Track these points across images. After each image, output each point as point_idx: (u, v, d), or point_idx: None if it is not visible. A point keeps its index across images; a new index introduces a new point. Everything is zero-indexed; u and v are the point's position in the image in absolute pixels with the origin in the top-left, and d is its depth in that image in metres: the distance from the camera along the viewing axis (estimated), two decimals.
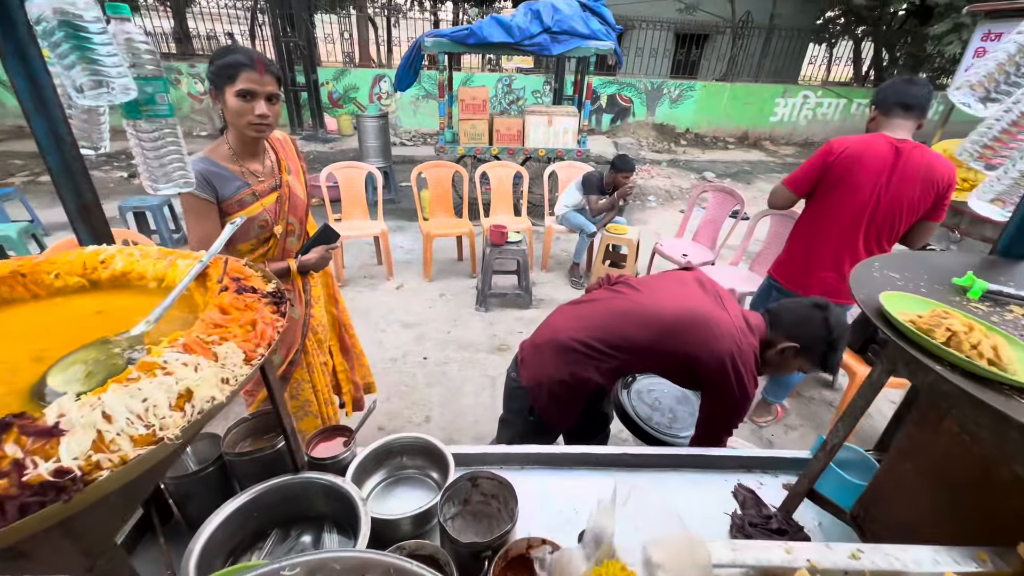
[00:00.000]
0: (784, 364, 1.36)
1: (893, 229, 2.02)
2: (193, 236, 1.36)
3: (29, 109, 0.76)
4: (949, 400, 0.70)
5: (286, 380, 1.66)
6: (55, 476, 0.38)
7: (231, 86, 1.27)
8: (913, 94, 1.92)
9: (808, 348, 1.30)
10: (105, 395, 0.42)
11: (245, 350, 0.53)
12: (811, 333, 1.30)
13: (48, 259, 0.68)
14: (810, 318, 1.31)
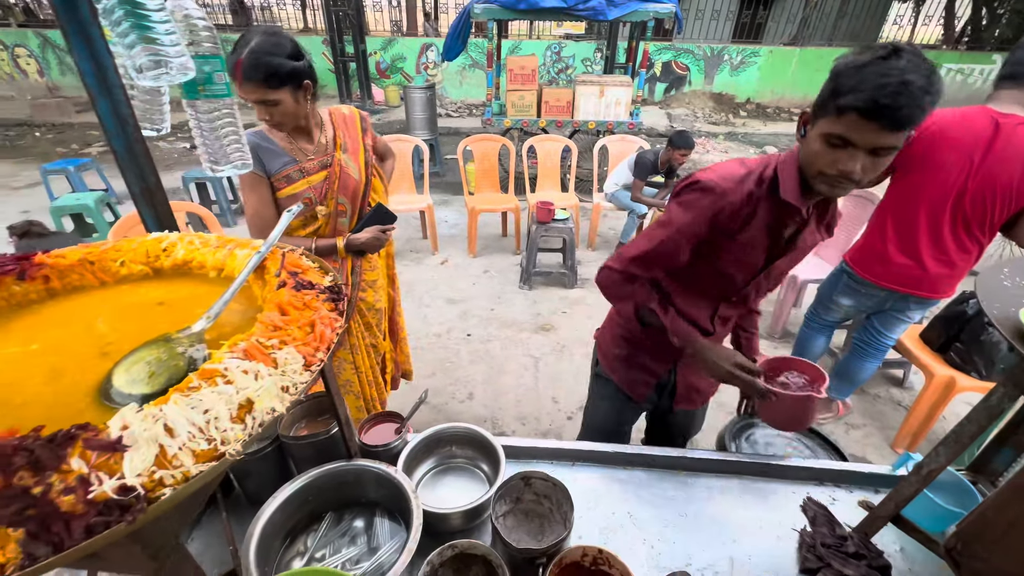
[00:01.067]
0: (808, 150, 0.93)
1: (987, 217, 1.78)
2: (248, 207, 1.38)
3: (94, 91, 0.76)
4: None
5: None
6: (119, 493, 0.36)
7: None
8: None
9: (818, 102, 0.89)
10: (167, 407, 0.40)
11: (304, 355, 0.50)
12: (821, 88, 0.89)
13: (114, 246, 0.68)
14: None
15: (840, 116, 0.84)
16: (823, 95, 0.88)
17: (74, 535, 0.34)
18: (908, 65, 0.78)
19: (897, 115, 0.78)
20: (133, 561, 0.45)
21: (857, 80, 0.81)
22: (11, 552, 0.33)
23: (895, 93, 0.77)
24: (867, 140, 0.82)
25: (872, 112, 0.79)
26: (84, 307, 0.63)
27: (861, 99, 0.80)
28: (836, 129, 0.85)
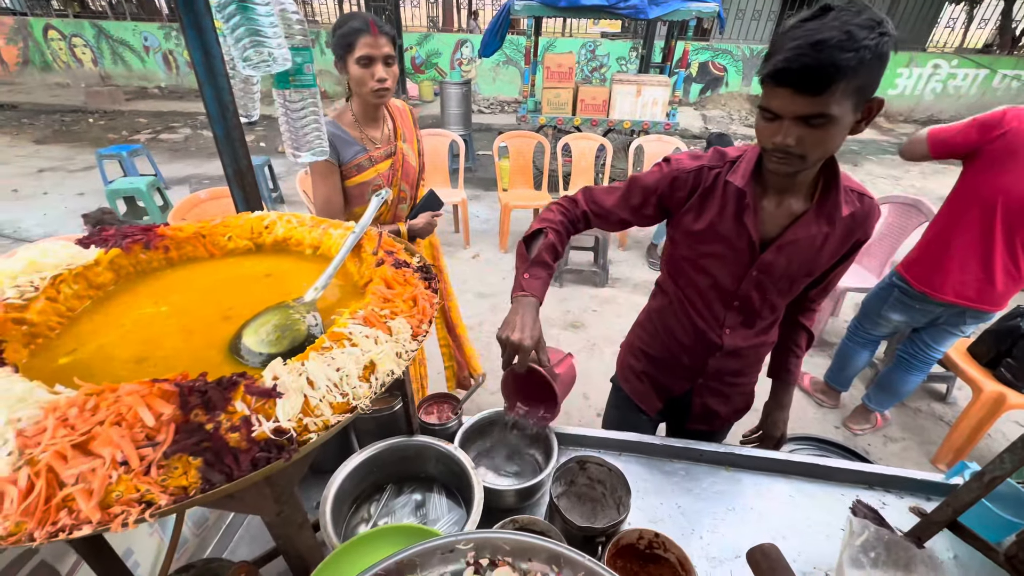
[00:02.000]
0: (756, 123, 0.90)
1: None
2: (317, 195, 1.44)
3: (202, 78, 0.82)
4: None
5: None
6: (275, 434, 0.41)
7: (351, 54, 1.32)
8: None
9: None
10: (308, 363, 0.45)
11: (412, 325, 0.54)
12: None
13: (223, 222, 0.74)
14: None
15: (764, 86, 0.82)
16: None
17: (242, 467, 0.39)
18: (829, 22, 0.72)
19: (805, 77, 0.73)
20: (262, 502, 0.50)
21: (774, 48, 0.78)
22: (192, 477, 0.38)
23: (800, 55, 0.72)
24: (787, 108, 0.78)
25: (780, 77, 0.76)
26: (199, 276, 0.69)
27: (769, 66, 0.77)
28: (763, 101, 0.83)
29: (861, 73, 0.73)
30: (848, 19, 0.72)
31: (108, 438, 0.37)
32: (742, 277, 1.05)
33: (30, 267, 0.56)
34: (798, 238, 0.99)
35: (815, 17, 0.74)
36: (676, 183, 1.04)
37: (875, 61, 0.73)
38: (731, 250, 1.03)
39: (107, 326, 0.57)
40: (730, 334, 1.15)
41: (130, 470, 0.36)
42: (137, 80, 10.67)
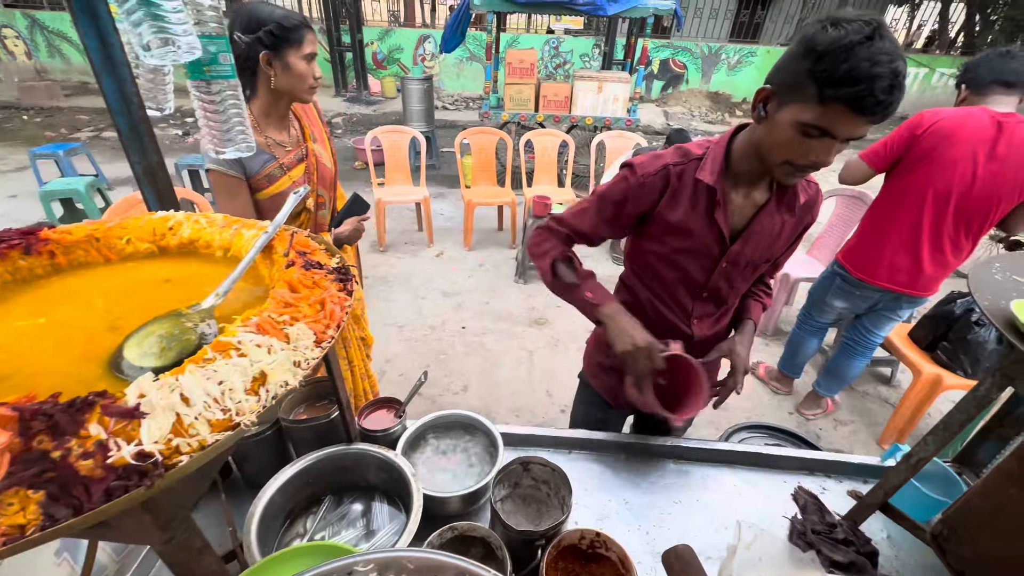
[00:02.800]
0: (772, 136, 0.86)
1: (988, 213, 1.82)
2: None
3: (99, 68, 0.75)
4: None
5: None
6: (137, 459, 0.37)
7: (298, 49, 1.24)
8: (1013, 69, 1.70)
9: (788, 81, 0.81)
10: (183, 377, 0.41)
11: (315, 331, 0.51)
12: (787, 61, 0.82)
13: (120, 224, 0.68)
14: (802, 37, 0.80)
15: (825, 106, 0.76)
16: (795, 74, 0.79)
17: (93, 498, 0.35)
18: (893, 48, 0.72)
19: (890, 109, 0.74)
20: (144, 530, 0.46)
21: (847, 67, 0.72)
22: (32, 513, 0.33)
23: (892, 87, 0.71)
24: (851, 132, 0.78)
25: (867, 107, 0.73)
26: (90, 283, 0.63)
27: (856, 92, 0.72)
28: (819, 120, 0.77)
29: None
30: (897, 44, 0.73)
31: None
32: (712, 269, 1.08)
33: None
34: (763, 227, 1.03)
35: (876, 38, 0.72)
36: (644, 188, 1.02)
37: None
38: (702, 244, 1.05)
39: None
40: (698, 323, 1.18)
41: None
42: (77, 75, 10.03)
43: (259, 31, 1.21)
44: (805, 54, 0.77)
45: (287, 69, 1.26)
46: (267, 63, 1.25)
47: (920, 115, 1.87)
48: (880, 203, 2.05)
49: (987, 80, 1.76)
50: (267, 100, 1.32)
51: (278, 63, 1.26)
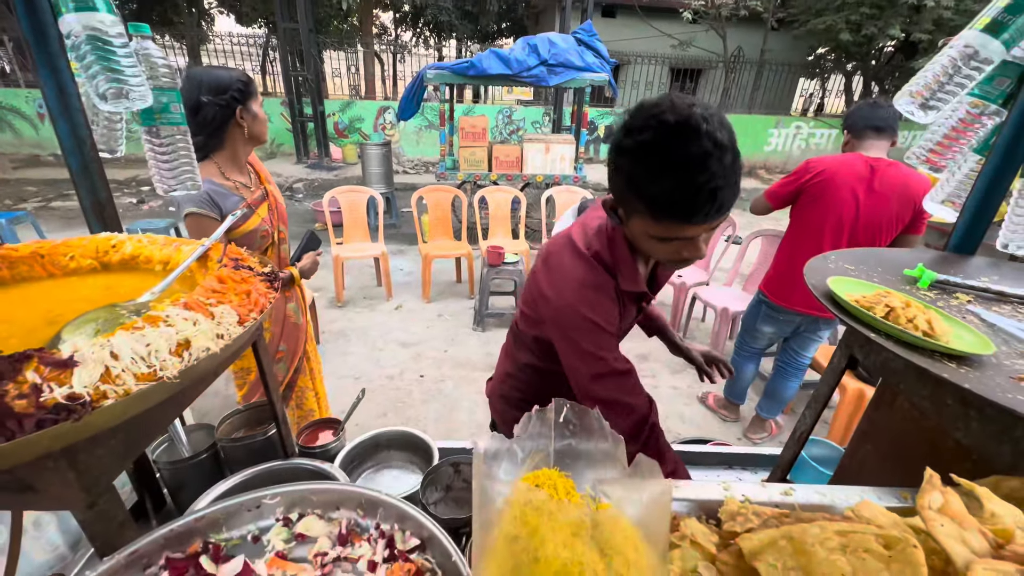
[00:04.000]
0: (636, 237, 0.88)
1: (875, 242, 2.09)
2: None
3: (55, 114, 0.85)
4: (897, 376, 0.75)
5: (291, 388, 1.70)
6: (67, 400, 0.43)
7: (256, 98, 1.44)
8: (881, 116, 2.03)
9: (620, 197, 0.83)
10: (114, 338, 0.48)
11: (240, 313, 0.59)
12: (611, 176, 0.82)
13: (64, 242, 0.75)
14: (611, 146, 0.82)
15: (661, 222, 0.77)
16: (621, 184, 0.79)
17: (25, 428, 0.41)
18: (711, 149, 0.69)
19: (722, 211, 0.74)
20: (68, 492, 0.50)
21: (665, 189, 0.72)
22: None
23: (711, 200, 0.71)
24: (699, 232, 0.79)
25: (700, 219, 0.75)
26: (32, 293, 0.69)
27: (681, 212, 0.74)
28: (664, 233, 0.79)
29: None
30: (717, 131, 0.70)
31: None
32: (626, 333, 1.13)
33: None
34: (662, 277, 1.13)
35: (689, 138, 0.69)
36: (609, 326, 0.96)
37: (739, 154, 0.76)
38: (632, 321, 1.10)
39: None
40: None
41: None
42: (28, 148, 9.92)
43: (228, 92, 1.38)
44: (619, 171, 0.78)
45: (255, 117, 1.45)
46: (241, 116, 1.42)
47: (807, 163, 2.19)
48: (788, 238, 2.32)
49: (861, 126, 2.09)
50: (233, 149, 1.47)
51: (248, 114, 1.43)
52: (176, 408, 0.61)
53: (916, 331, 0.67)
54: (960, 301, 0.84)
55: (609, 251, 0.97)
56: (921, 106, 0.92)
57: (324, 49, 11.29)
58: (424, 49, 15.38)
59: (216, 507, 0.48)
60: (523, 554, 0.33)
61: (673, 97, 0.74)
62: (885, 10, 10.03)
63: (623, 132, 0.77)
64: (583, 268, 0.96)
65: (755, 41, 12.07)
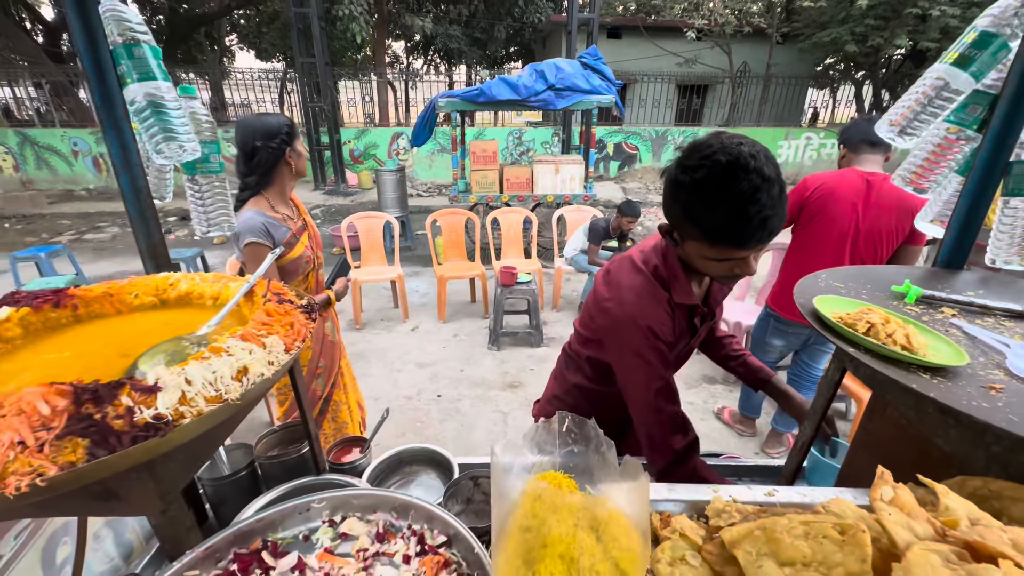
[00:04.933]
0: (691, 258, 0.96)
1: (877, 254, 2.12)
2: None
3: (118, 167, 0.96)
4: (884, 387, 0.80)
5: (328, 402, 1.82)
6: (154, 419, 0.52)
7: (299, 138, 1.63)
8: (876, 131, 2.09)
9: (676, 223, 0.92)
10: (187, 367, 0.57)
11: (286, 342, 0.68)
12: (669, 204, 0.91)
13: (129, 282, 0.85)
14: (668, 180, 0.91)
15: (715, 246, 0.86)
16: (678, 213, 0.88)
17: (124, 443, 0.49)
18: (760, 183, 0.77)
19: (772, 236, 0.83)
20: (147, 499, 0.59)
21: (719, 219, 0.81)
22: (80, 454, 0.48)
23: (762, 228, 0.79)
24: (750, 253, 0.88)
25: (751, 243, 0.83)
26: (104, 329, 0.79)
27: (735, 239, 0.82)
28: (718, 255, 0.87)
29: None
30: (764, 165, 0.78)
31: (8, 424, 0.47)
32: (687, 356, 1.18)
33: None
34: (715, 296, 1.17)
35: (739, 175, 0.77)
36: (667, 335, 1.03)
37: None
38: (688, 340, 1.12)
39: (13, 372, 0.66)
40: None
41: (26, 448, 0.46)
42: (63, 184, 10.46)
43: (278, 136, 1.57)
44: (681, 200, 0.86)
45: (299, 155, 1.63)
46: (289, 156, 1.61)
47: (805, 180, 2.24)
48: (792, 252, 2.37)
49: (856, 140, 2.15)
50: (281, 185, 1.65)
51: (294, 153, 1.62)
52: (231, 426, 0.70)
53: (895, 345, 0.73)
54: (945, 315, 0.89)
55: (664, 266, 1.04)
56: (900, 133, 0.99)
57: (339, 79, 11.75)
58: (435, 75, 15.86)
59: (272, 510, 0.56)
60: (533, 540, 0.40)
61: (723, 137, 0.83)
62: (891, 21, 10.08)
63: (679, 169, 0.87)
64: (641, 280, 1.04)
65: (761, 56, 12.20)
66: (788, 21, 12.40)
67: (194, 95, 1.08)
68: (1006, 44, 0.90)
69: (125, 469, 0.52)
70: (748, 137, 0.84)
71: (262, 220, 1.55)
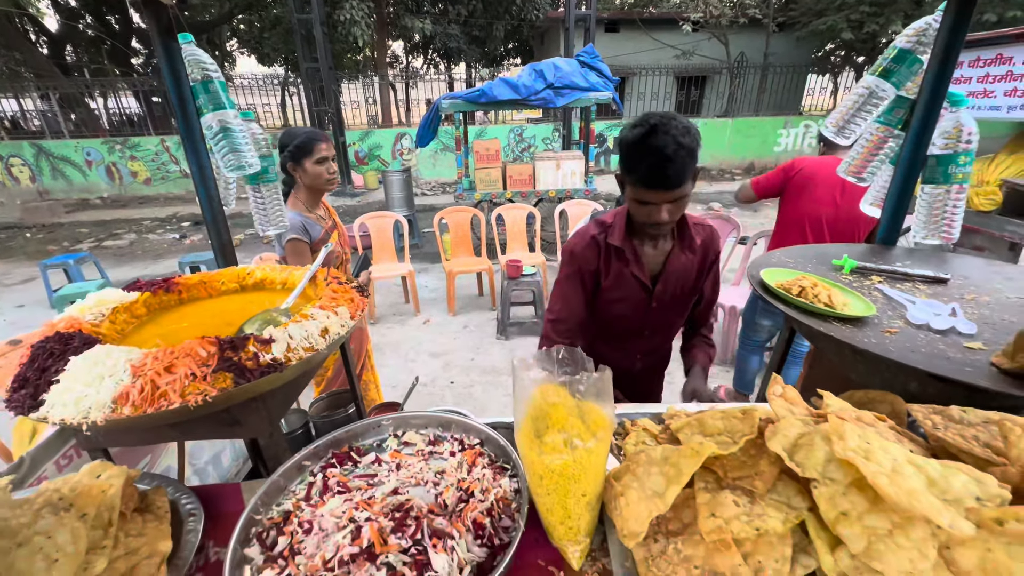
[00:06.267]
0: (629, 204, 1.21)
1: (855, 236, 2.31)
2: None
3: (196, 182, 1.19)
4: (817, 339, 1.01)
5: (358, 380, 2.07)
6: (273, 361, 0.74)
7: (310, 156, 1.74)
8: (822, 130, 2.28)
9: (620, 169, 1.17)
10: (289, 327, 0.79)
11: (351, 310, 0.90)
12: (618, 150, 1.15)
13: (217, 273, 1.08)
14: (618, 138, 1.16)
15: (635, 186, 1.11)
16: (621, 163, 1.14)
17: (255, 376, 0.72)
18: (664, 140, 1.01)
19: (669, 181, 1.05)
20: (260, 424, 0.81)
21: (633, 160, 1.07)
22: (229, 382, 0.70)
23: (660, 167, 1.03)
24: (659, 198, 1.10)
25: (651, 183, 1.07)
26: (203, 307, 1.01)
27: (640, 176, 1.08)
28: (637, 195, 1.13)
29: (692, 164, 1.06)
30: (676, 132, 1.02)
31: (183, 363, 0.69)
32: (646, 311, 1.34)
33: (98, 303, 0.87)
34: (674, 268, 1.30)
35: (651, 134, 1.03)
36: (588, 261, 1.29)
37: (697, 147, 1.06)
38: (630, 293, 1.30)
39: (151, 337, 0.89)
40: (642, 358, 1.47)
41: (195, 378, 0.69)
42: (78, 193, 10.77)
43: (285, 151, 1.75)
44: (620, 153, 1.14)
45: (305, 172, 1.78)
46: (292, 170, 1.77)
47: (793, 160, 2.42)
48: (776, 233, 2.56)
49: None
50: (306, 191, 1.85)
51: (299, 168, 1.77)
52: (308, 378, 0.92)
53: (819, 303, 0.94)
54: (872, 282, 1.10)
55: (612, 216, 1.31)
56: (838, 132, 1.19)
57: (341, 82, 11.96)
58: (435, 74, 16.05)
59: (354, 425, 0.78)
60: (541, 423, 0.61)
61: (664, 113, 1.08)
62: (885, 7, 10.16)
63: (625, 130, 1.14)
64: (585, 225, 1.35)
65: (758, 45, 12.28)
66: (784, 10, 12.47)
67: (252, 118, 1.29)
68: (919, 59, 1.10)
69: (251, 398, 0.75)
70: (683, 118, 1.08)
71: (301, 220, 1.76)
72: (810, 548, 0.50)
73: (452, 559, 0.53)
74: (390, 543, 0.54)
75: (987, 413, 0.61)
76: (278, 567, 0.56)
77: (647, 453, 0.61)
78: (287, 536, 0.60)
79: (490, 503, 0.62)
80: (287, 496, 0.70)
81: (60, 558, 0.44)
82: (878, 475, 0.48)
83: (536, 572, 0.60)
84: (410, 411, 0.83)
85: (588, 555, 0.61)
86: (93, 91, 11.56)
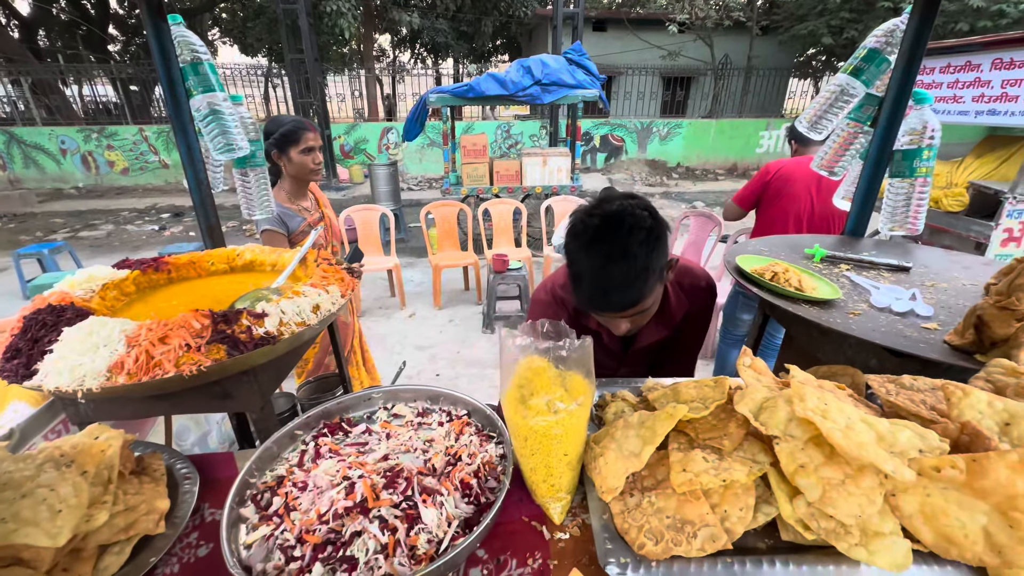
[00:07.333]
0: None
1: (831, 230, 2.40)
2: None
3: (184, 163, 1.19)
4: (788, 321, 1.06)
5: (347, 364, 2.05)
6: (266, 335, 0.76)
7: (296, 146, 1.73)
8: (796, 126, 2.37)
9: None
10: (281, 302, 0.81)
11: (341, 289, 0.92)
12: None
13: (207, 254, 1.09)
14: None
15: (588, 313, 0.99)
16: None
17: (248, 348, 0.74)
18: (615, 263, 0.84)
19: (625, 308, 0.91)
20: (251, 397, 0.83)
21: (582, 294, 0.92)
22: (222, 353, 0.72)
23: (607, 303, 0.90)
24: (617, 321, 0.96)
25: (600, 309, 0.94)
26: (192, 287, 1.02)
27: (592, 310, 0.95)
28: (592, 312, 0.98)
29: (653, 278, 0.88)
30: (625, 238, 0.83)
31: (177, 334, 0.71)
32: (617, 366, 1.25)
33: (89, 279, 0.88)
34: (649, 341, 1.17)
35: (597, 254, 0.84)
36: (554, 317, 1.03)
37: (659, 249, 0.87)
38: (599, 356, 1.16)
39: (141, 315, 0.90)
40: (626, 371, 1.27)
41: (189, 349, 0.70)
42: (51, 182, 10.46)
43: (269, 139, 1.74)
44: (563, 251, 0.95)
45: (291, 160, 1.76)
46: (277, 158, 1.75)
47: (767, 166, 2.52)
48: (756, 232, 2.64)
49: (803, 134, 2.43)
50: (290, 181, 1.83)
51: (284, 157, 1.76)
52: (298, 355, 0.94)
53: (790, 287, 0.99)
54: (840, 270, 1.16)
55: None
56: (811, 127, 1.25)
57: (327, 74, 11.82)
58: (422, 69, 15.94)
59: (345, 398, 0.81)
60: (525, 390, 0.64)
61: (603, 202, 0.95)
62: (864, 14, 10.42)
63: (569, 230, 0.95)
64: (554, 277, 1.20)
65: (742, 48, 12.49)
66: (768, 14, 12.70)
67: (241, 102, 1.30)
68: (887, 59, 1.16)
69: (243, 371, 0.77)
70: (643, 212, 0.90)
71: (278, 210, 1.75)
72: (771, 498, 0.55)
73: (441, 513, 0.57)
74: (382, 498, 0.57)
75: (934, 380, 0.66)
76: (273, 523, 0.58)
77: (624, 419, 0.65)
78: (281, 497, 0.63)
79: (477, 466, 0.66)
80: (280, 462, 0.72)
81: (63, 509, 0.46)
82: (833, 431, 0.52)
83: (520, 527, 0.63)
84: (399, 385, 0.85)
85: (569, 511, 0.65)
86: (68, 78, 11.22)
